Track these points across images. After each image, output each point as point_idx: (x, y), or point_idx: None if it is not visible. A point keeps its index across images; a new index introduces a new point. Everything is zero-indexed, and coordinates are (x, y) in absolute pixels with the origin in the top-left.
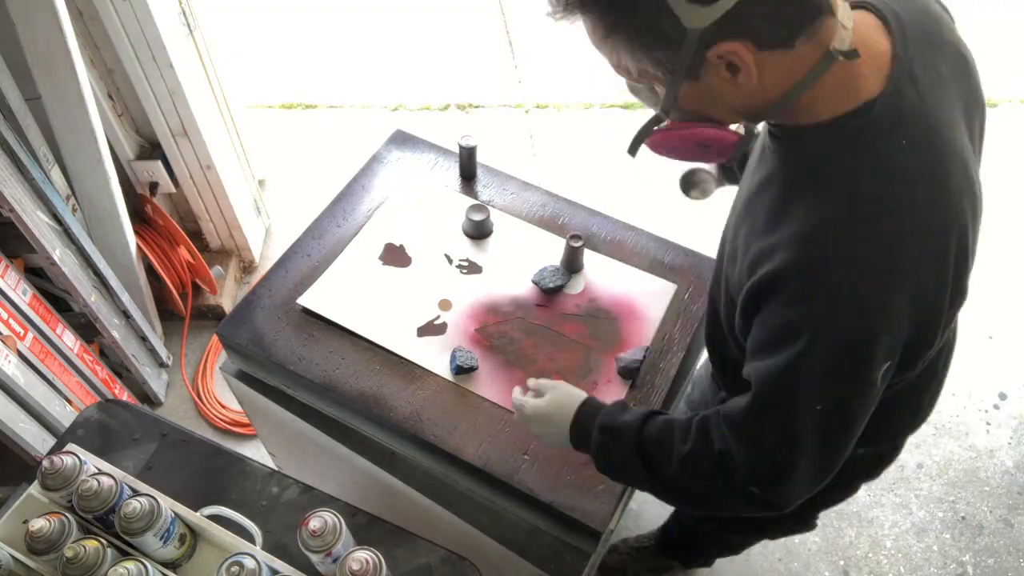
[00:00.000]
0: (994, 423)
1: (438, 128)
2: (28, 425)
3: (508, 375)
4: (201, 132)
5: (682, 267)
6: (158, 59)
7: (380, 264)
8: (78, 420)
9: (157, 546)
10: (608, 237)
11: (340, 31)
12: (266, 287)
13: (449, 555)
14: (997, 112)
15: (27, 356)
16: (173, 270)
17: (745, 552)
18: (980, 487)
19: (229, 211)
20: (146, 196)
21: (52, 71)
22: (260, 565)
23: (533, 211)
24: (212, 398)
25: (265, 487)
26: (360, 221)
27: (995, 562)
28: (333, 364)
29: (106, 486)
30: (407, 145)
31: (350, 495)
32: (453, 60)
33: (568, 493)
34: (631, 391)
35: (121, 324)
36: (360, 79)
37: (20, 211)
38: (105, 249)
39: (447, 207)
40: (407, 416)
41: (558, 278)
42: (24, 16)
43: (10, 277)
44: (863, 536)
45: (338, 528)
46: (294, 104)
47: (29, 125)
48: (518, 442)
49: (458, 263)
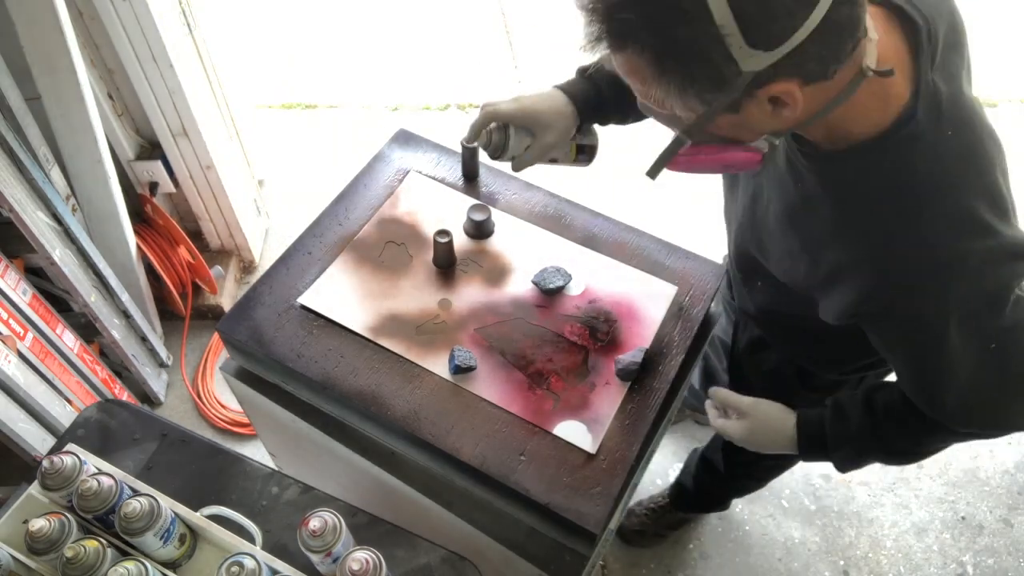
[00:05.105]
0: None
1: (438, 128)
2: (28, 425)
3: (507, 375)
4: (201, 132)
5: (683, 270)
6: (158, 59)
7: (381, 263)
8: (78, 420)
9: (157, 546)
10: (609, 238)
11: (340, 31)
12: (267, 284)
13: (449, 555)
14: (997, 112)
15: (27, 356)
16: (173, 270)
17: (745, 551)
18: (980, 487)
19: (229, 211)
20: (146, 196)
21: (52, 71)
22: (260, 565)
23: (535, 211)
24: (212, 398)
25: (265, 487)
26: (361, 220)
27: (995, 562)
28: (332, 362)
29: (106, 486)
30: (410, 144)
31: (350, 495)
32: (453, 60)
33: (564, 494)
34: (630, 393)
35: (121, 324)
36: (360, 79)
37: (20, 211)
38: (105, 249)
39: (449, 207)
40: (405, 415)
41: (558, 279)
42: (24, 16)
43: (10, 277)
44: (863, 536)
45: (338, 528)
46: (294, 104)
47: (29, 125)
48: (515, 442)
49: (459, 263)
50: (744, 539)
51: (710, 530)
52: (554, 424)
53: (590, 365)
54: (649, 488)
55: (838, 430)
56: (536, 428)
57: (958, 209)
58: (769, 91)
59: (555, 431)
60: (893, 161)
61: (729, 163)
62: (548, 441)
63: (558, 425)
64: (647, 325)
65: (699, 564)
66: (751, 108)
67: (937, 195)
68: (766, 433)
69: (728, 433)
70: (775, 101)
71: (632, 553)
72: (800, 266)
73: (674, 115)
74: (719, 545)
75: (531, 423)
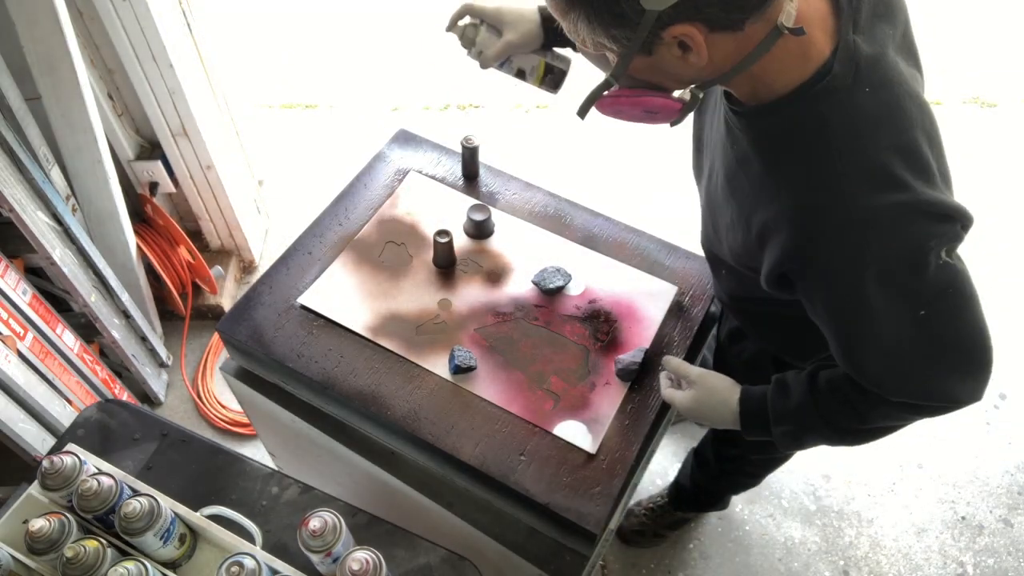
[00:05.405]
0: (994, 423)
1: (438, 128)
2: (28, 425)
3: (507, 375)
4: (201, 132)
5: (682, 269)
6: (158, 59)
7: (381, 263)
8: (78, 420)
9: (157, 546)
10: (609, 238)
11: (340, 31)
12: (267, 284)
13: (449, 555)
14: (997, 112)
15: (27, 356)
16: (173, 270)
17: (745, 551)
18: (980, 487)
19: (229, 211)
20: (146, 196)
21: (52, 71)
22: (260, 565)
23: (535, 211)
24: (212, 398)
25: (265, 487)
26: (361, 220)
27: (995, 562)
28: (332, 362)
29: (106, 486)
30: (410, 144)
31: (350, 495)
32: (453, 60)
33: (564, 494)
34: (630, 393)
35: (121, 324)
36: (360, 79)
37: (20, 211)
38: (105, 249)
39: (449, 207)
40: (405, 415)
41: (558, 279)
42: (24, 16)
43: (10, 277)
44: (863, 536)
45: (338, 528)
46: (294, 104)
47: (29, 125)
48: (515, 442)
49: (459, 263)
50: (744, 539)
51: (710, 530)
52: (554, 424)
53: (590, 365)
54: (649, 488)
55: (780, 405)
56: (536, 428)
57: (870, 162)
58: (672, 32)
59: (555, 431)
60: (808, 113)
61: (649, 107)
62: (548, 441)
63: (558, 425)
64: (647, 325)
65: (699, 564)
66: (662, 51)
67: (849, 148)
68: (711, 405)
69: (675, 402)
70: (683, 46)
71: (632, 553)
72: (739, 235)
73: (602, 57)
74: (719, 545)
75: (531, 423)
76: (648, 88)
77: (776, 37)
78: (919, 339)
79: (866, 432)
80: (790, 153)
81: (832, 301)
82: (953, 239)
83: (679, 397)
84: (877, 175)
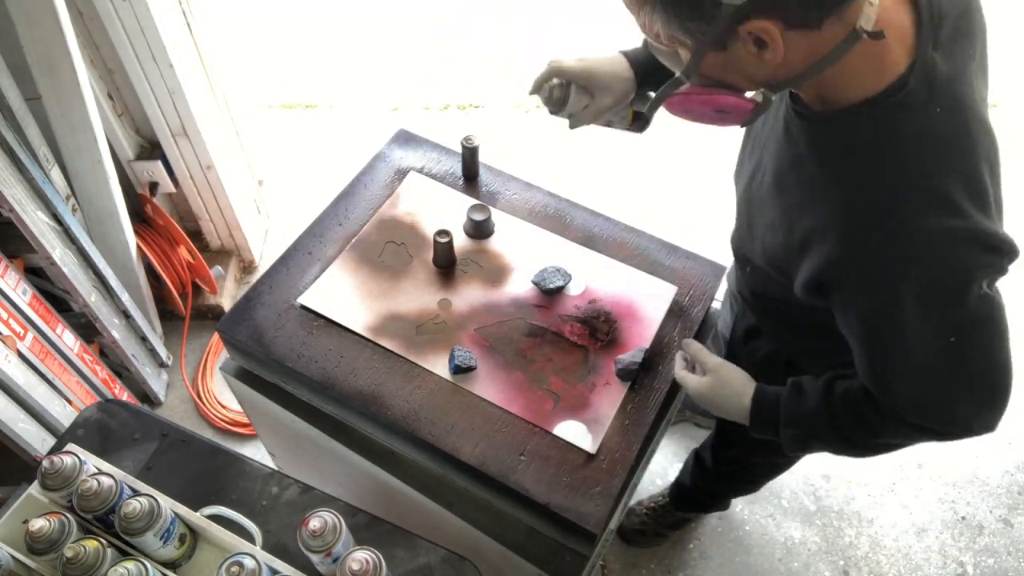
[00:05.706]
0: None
1: (438, 128)
2: (28, 425)
3: (507, 375)
4: (201, 132)
5: (682, 270)
6: (158, 59)
7: (381, 263)
8: (78, 420)
9: (157, 546)
10: (609, 238)
11: (340, 31)
12: (267, 284)
13: (449, 555)
14: (997, 112)
15: (27, 356)
16: (173, 270)
17: (745, 551)
18: (980, 487)
19: (229, 211)
20: (146, 196)
21: (52, 71)
22: (260, 565)
23: (535, 211)
24: (212, 398)
25: (265, 487)
26: (361, 220)
27: (995, 562)
28: (332, 362)
29: (106, 486)
30: (410, 144)
31: (350, 495)
32: (453, 60)
33: (564, 494)
34: (630, 393)
35: (121, 324)
36: (360, 79)
37: (20, 211)
38: (105, 249)
39: (449, 207)
40: (404, 414)
41: (558, 279)
42: (24, 16)
43: (10, 277)
44: (863, 536)
45: (338, 528)
46: (294, 104)
47: (29, 125)
48: (515, 442)
49: (459, 263)
50: (744, 539)
51: (710, 530)
52: (554, 424)
53: (590, 365)
54: (649, 488)
55: (793, 408)
56: (536, 428)
57: (931, 185)
58: (749, 27)
59: (555, 431)
60: (877, 126)
61: (720, 106)
62: (548, 441)
63: (558, 425)
64: (647, 325)
65: (699, 564)
66: (737, 47)
67: (913, 167)
68: (723, 396)
69: (688, 385)
70: (759, 43)
71: (632, 553)
72: (778, 236)
73: (674, 53)
74: (719, 545)
75: (531, 423)
76: (720, 86)
77: (853, 41)
78: (948, 365)
79: (872, 447)
80: (851, 163)
81: (868, 316)
82: (997, 271)
83: (692, 381)
84: (937, 198)
